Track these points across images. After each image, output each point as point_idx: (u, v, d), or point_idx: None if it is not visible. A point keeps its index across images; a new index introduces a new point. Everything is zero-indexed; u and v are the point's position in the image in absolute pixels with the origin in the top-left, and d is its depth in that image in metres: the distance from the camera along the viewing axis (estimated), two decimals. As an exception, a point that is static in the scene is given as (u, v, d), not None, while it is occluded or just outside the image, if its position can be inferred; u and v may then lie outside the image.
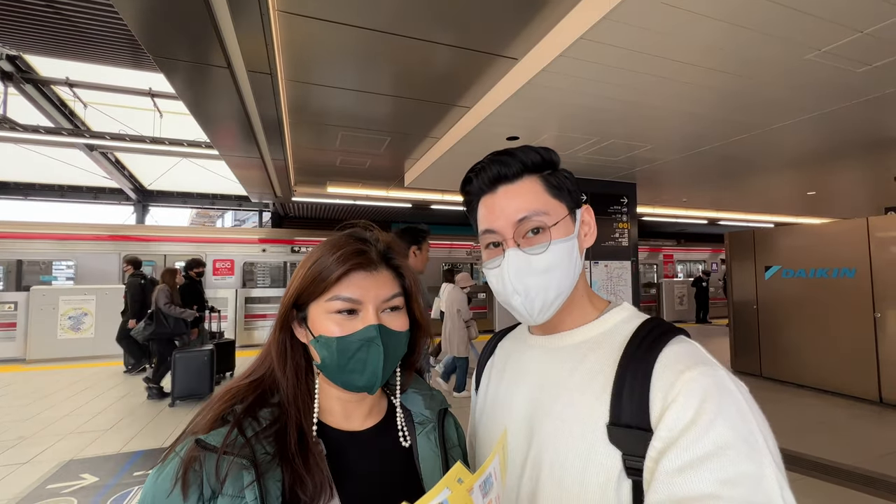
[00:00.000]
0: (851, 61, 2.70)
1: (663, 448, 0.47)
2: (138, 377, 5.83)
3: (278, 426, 0.56)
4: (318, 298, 0.60)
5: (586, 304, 0.66)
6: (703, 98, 3.24)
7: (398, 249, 0.65)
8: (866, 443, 3.49)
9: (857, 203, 8.26)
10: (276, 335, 0.63)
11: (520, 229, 0.61)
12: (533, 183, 0.63)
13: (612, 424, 0.52)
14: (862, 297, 4.70)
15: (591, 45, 2.46)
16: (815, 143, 4.42)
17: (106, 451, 3.49)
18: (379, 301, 0.60)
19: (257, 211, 12.04)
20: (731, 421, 0.46)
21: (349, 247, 0.60)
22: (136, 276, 5.93)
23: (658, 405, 0.50)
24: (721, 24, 2.29)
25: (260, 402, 0.59)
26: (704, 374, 0.50)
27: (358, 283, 0.59)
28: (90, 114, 7.24)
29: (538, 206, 0.61)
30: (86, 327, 7.23)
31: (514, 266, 0.60)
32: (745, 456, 0.44)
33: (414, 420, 0.68)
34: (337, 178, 6.68)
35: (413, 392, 0.71)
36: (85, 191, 10.32)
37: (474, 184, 0.66)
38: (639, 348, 0.56)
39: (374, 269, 0.61)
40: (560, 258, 0.60)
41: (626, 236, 5.92)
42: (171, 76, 3.28)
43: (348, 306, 0.59)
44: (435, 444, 0.65)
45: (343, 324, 0.58)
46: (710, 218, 10.11)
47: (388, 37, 2.82)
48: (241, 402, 0.57)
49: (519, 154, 0.63)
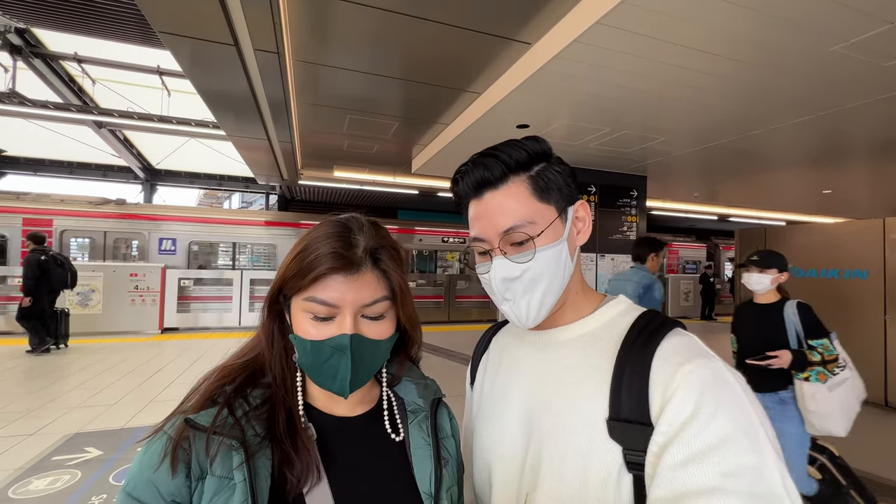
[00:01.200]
0: (879, 54, 2.59)
1: (665, 443, 0.47)
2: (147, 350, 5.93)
3: (268, 406, 0.56)
4: (297, 294, 0.57)
5: (581, 300, 0.65)
6: (721, 89, 3.14)
7: (388, 244, 0.60)
8: (871, 447, 3.46)
9: (874, 203, 8.08)
10: (265, 319, 0.62)
11: (506, 238, 0.59)
12: (518, 186, 0.60)
13: (611, 420, 0.52)
14: (874, 300, 4.61)
15: (608, 30, 2.38)
16: (833, 140, 4.29)
17: (111, 425, 3.55)
18: (358, 306, 0.56)
19: (264, 193, 12.06)
20: (731, 413, 0.46)
21: (329, 246, 0.56)
22: (37, 251, 5.89)
23: (658, 400, 0.49)
24: (744, 11, 2.19)
25: (251, 382, 0.58)
26: (703, 367, 0.50)
27: (336, 286, 0.55)
28: (98, 90, 7.22)
29: (523, 215, 0.58)
30: (93, 304, 7.33)
31: (501, 274, 0.59)
32: (746, 447, 0.44)
33: (406, 409, 0.66)
34: (344, 162, 6.64)
35: (407, 380, 0.69)
36: (94, 168, 10.38)
37: (460, 186, 0.64)
38: (636, 342, 0.55)
39: (356, 272, 0.57)
40: (546, 265, 0.59)
41: (635, 230, 5.84)
42: (176, 53, 3.24)
43: (323, 311, 0.55)
44: (427, 433, 0.64)
45: (318, 326, 0.56)
46: (721, 214, 9.96)
47: (399, 17, 2.74)
48: (232, 383, 0.57)
49: (502, 155, 0.60)
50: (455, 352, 6.59)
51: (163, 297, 7.68)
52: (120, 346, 6.54)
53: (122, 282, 7.44)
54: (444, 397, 0.70)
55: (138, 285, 7.53)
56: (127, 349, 6.30)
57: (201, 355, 6.05)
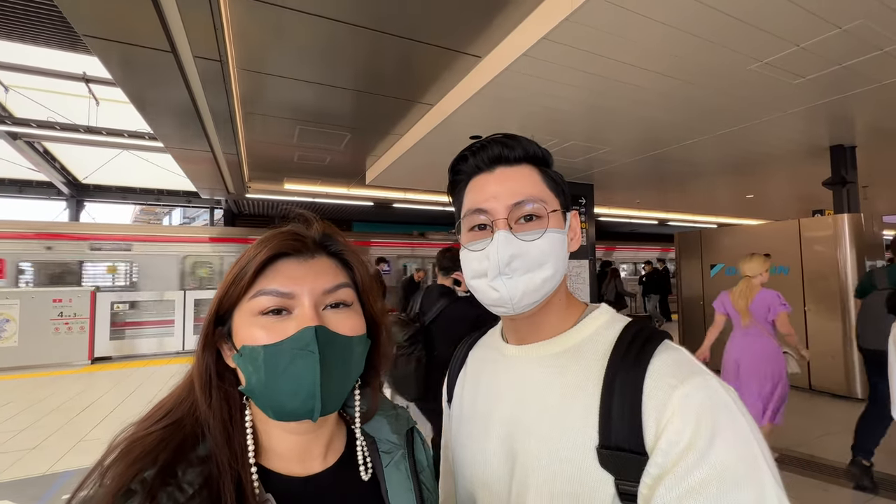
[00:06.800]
0: (788, 73, 2.90)
1: (660, 475, 0.45)
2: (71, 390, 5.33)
3: (208, 491, 0.42)
4: (240, 300, 0.48)
5: (564, 308, 0.62)
6: (656, 102, 3.37)
7: (340, 237, 0.55)
8: (801, 427, 3.78)
9: (790, 206, 8.99)
10: (199, 359, 0.49)
11: (514, 213, 0.57)
12: (531, 171, 0.60)
13: (602, 447, 0.49)
14: (795, 293, 5.09)
15: (553, 45, 2.49)
16: (754, 149, 4.74)
17: (30, 472, 3.14)
18: (318, 293, 0.48)
19: (208, 208, 11.40)
20: (728, 441, 0.44)
21: (275, 237, 0.49)
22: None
23: (652, 428, 0.47)
24: (674, 31, 2.38)
25: (180, 459, 0.43)
26: (697, 389, 0.47)
27: (288, 272, 0.48)
28: (13, 98, 6.54)
29: (536, 193, 0.58)
30: (7, 335, 6.53)
31: (504, 248, 0.55)
32: (744, 478, 0.43)
33: (379, 449, 0.56)
34: (295, 174, 6.43)
35: (377, 415, 0.59)
36: (7, 183, 9.34)
37: (470, 162, 0.61)
38: (624, 359, 0.52)
39: (310, 257, 0.50)
40: (553, 248, 0.57)
41: (584, 236, 6.10)
42: (105, 60, 3.01)
43: (276, 302, 0.46)
44: (406, 475, 0.55)
45: (272, 327, 0.46)
46: (661, 219, 10.67)
47: (349, 28, 2.72)
48: (153, 464, 0.42)
49: (523, 141, 0.60)
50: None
51: (92, 323, 6.99)
52: (43, 380, 5.85)
53: (42, 309, 6.69)
54: (416, 424, 0.63)
55: (63, 312, 6.81)
56: (51, 384, 5.65)
57: (138, 385, 5.55)
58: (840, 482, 2.81)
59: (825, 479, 2.85)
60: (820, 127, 4.09)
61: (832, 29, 2.39)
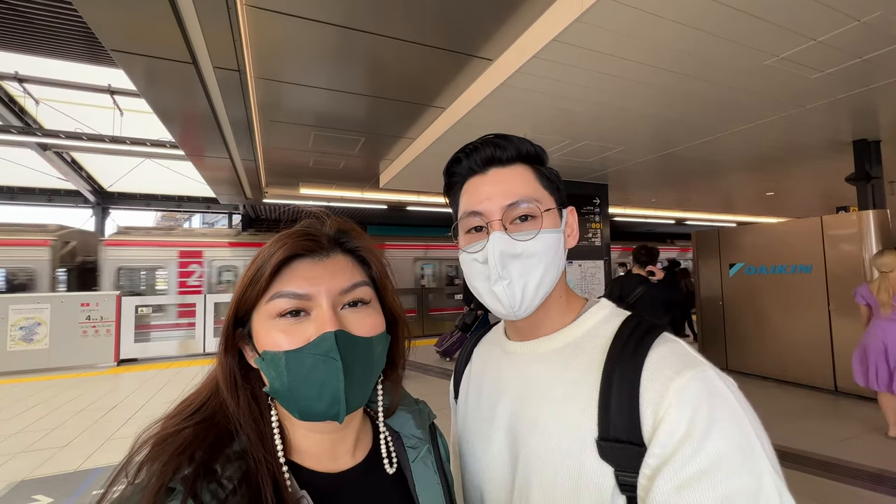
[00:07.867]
0: (806, 68, 2.84)
1: (658, 465, 0.45)
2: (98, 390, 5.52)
3: (248, 486, 0.42)
4: (258, 302, 0.48)
5: (564, 305, 0.63)
6: (670, 100, 3.34)
7: (355, 232, 0.55)
8: (824, 430, 3.68)
9: (812, 203, 8.74)
10: (222, 362, 0.50)
11: (508, 213, 0.57)
12: (525, 170, 0.60)
13: (601, 440, 0.49)
14: (818, 292, 4.95)
15: (564, 47, 2.49)
16: (773, 145, 4.64)
17: (62, 469, 3.27)
18: (335, 293, 0.48)
19: (227, 213, 11.66)
20: (725, 430, 0.44)
21: (289, 237, 0.49)
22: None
23: (649, 419, 0.47)
24: (686, 29, 2.36)
25: (217, 455, 0.44)
26: (694, 379, 0.48)
27: (304, 273, 0.48)
28: (43, 111, 6.82)
29: (529, 193, 0.58)
30: (39, 338, 6.79)
31: (499, 250, 0.56)
32: (742, 466, 0.43)
33: (405, 445, 0.57)
34: (310, 179, 6.55)
35: (400, 410, 0.60)
36: (38, 192, 9.73)
37: (463, 164, 0.62)
38: (622, 353, 0.53)
39: (325, 256, 0.50)
40: (547, 248, 0.58)
41: (599, 236, 6.05)
42: (131, 72, 3.13)
43: (294, 304, 0.46)
44: (433, 469, 0.56)
45: (291, 330, 0.46)
46: (678, 218, 10.47)
47: (362, 35, 2.78)
48: (191, 462, 0.41)
49: (515, 140, 0.61)
50: (431, 366, 6.53)
51: (118, 326, 7.22)
52: (71, 381, 6.07)
53: (71, 312, 6.95)
54: (436, 418, 0.64)
55: (90, 315, 7.06)
56: (79, 385, 5.86)
57: (163, 385, 5.71)
58: (870, 486, 2.73)
59: (853, 484, 2.78)
60: (842, 121, 3.99)
61: (850, 22, 2.34)
